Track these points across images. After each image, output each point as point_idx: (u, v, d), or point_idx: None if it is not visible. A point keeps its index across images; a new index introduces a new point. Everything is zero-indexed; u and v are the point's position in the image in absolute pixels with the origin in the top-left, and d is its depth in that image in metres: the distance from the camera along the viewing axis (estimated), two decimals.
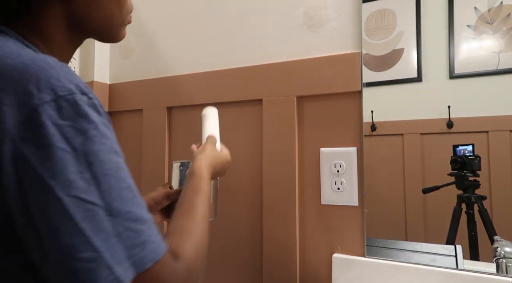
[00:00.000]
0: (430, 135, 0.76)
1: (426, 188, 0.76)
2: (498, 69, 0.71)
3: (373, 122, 0.80)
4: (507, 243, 0.68)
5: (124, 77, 1.15)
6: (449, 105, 0.74)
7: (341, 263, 0.78)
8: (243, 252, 0.92)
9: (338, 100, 0.83)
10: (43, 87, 0.36)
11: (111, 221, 0.36)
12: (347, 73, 0.80)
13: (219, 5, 1.00)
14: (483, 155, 0.71)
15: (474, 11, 0.73)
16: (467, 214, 0.72)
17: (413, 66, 0.78)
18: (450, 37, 0.75)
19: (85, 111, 0.38)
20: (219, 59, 0.98)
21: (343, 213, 0.81)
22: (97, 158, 0.37)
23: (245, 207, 0.92)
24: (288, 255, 0.84)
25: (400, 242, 0.77)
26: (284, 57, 0.89)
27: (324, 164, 0.83)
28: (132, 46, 1.14)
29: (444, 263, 0.72)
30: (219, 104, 0.97)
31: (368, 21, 0.82)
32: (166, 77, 1.05)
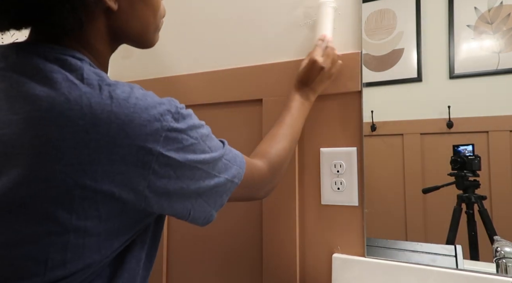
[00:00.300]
0: (430, 135, 0.76)
1: (426, 188, 0.76)
2: (498, 69, 0.71)
3: (373, 122, 0.80)
4: (507, 243, 0.68)
5: (124, 77, 1.15)
6: (449, 105, 0.74)
7: (341, 263, 0.78)
8: (243, 252, 0.92)
9: (338, 100, 0.83)
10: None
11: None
12: (347, 73, 0.80)
13: (219, 5, 1.00)
14: (483, 155, 0.71)
15: (474, 11, 0.73)
16: (467, 214, 0.72)
17: (413, 66, 0.78)
18: (450, 37, 0.75)
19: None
20: (219, 59, 0.98)
21: (343, 213, 0.81)
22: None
23: (245, 206, 0.92)
24: (288, 255, 0.84)
25: (400, 242, 0.77)
26: (284, 57, 0.89)
27: (324, 164, 0.83)
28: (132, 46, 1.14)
29: (444, 263, 0.72)
30: (219, 104, 0.97)
31: (368, 21, 0.82)
32: (166, 77, 1.05)
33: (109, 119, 0.42)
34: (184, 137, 0.47)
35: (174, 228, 1.02)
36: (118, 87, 0.45)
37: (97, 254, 0.45)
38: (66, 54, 0.47)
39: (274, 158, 0.65)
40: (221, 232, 0.95)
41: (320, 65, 0.74)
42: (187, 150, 0.47)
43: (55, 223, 0.42)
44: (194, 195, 0.50)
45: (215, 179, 0.51)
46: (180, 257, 1.01)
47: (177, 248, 1.02)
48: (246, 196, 0.63)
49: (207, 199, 0.52)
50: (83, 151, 0.41)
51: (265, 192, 0.66)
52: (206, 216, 0.53)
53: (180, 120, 0.47)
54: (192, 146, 0.48)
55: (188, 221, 0.52)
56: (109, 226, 0.45)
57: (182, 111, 0.48)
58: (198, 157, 0.48)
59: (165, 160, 0.45)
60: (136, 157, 0.43)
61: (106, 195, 0.43)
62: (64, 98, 0.42)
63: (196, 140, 0.49)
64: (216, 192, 0.52)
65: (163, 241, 1.02)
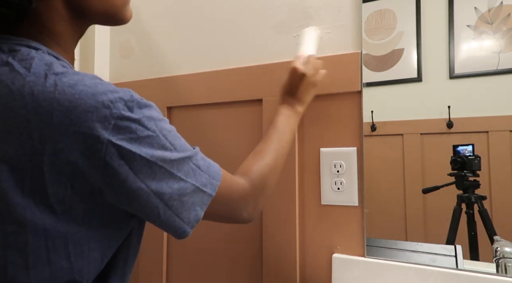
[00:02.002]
0: (430, 135, 0.76)
1: (426, 188, 0.76)
2: (498, 69, 0.71)
3: (373, 122, 0.80)
4: (507, 243, 0.68)
5: (124, 77, 1.15)
6: (449, 105, 0.74)
7: (341, 263, 0.78)
8: (243, 252, 0.92)
9: (338, 100, 0.83)
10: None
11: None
12: (347, 73, 0.80)
13: (219, 5, 1.00)
14: (483, 155, 0.71)
15: (474, 11, 0.73)
16: (467, 214, 0.72)
17: (413, 66, 0.78)
18: (450, 37, 0.75)
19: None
20: (219, 59, 0.98)
21: (343, 213, 0.81)
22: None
23: None
24: (288, 255, 0.84)
25: (400, 242, 0.77)
26: (284, 57, 0.89)
27: (324, 164, 0.83)
28: (132, 46, 1.14)
29: (444, 263, 0.72)
30: (219, 104, 0.97)
31: (368, 21, 0.82)
32: (166, 77, 1.05)
33: (51, 107, 0.40)
34: (139, 127, 0.42)
35: None
36: (66, 75, 0.42)
37: (65, 260, 0.42)
38: (22, 44, 0.46)
39: (257, 176, 0.59)
40: (221, 232, 0.95)
41: (301, 72, 0.70)
42: (143, 142, 0.43)
43: (9, 220, 0.40)
44: (159, 203, 0.44)
45: (180, 182, 0.45)
46: (180, 257, 1.01)
47: (177, 248, 1.01)
48: (226, 215, 0.56)
49: (177, 211, 0.46)
50: (27, 142, 0.40)
51: (248, 213, 0.58)
52: (178, 231, 0.48)
53: (134, 109, 0.43)
54: (149, 138, 0.43)
55: (158, 227, 0.48)
56: (72, 226, 0.42)
57: (139, 100, 0.44)
58: (156, 151, 0.43)
59: (117, 150, 0.41)
60: (84, 146, 0.40)
61: (57, 187, 0.41)
62: (7, 90, 0.41)
63: (153, 133, 0.44)
64: (186, 201, 0.46)
65: (163, 241, 1.02)
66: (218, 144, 0.96)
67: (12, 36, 0.47)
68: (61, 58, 0.49)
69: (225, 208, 0.54)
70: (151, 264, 1.03)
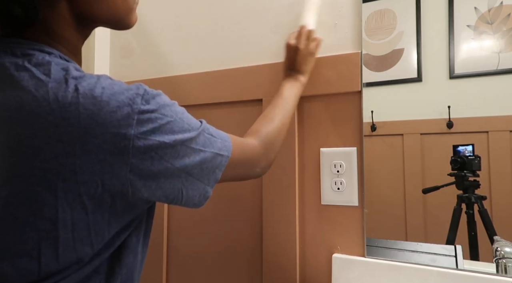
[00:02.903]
0: (430, 135, 0.76)
1: (426, 188, 0.76)
2: (498, 69, 0.71)
3: (373, 122, 0.80)
4: (507, 243, 0.68)
5: (124, 77, 1.15)
6: (449, 105, 0.74)
7: (341, 263, 0.78)
8: (243, 252, 0.92)
9: (338, 100, 0.83)
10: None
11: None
12: (347, 73, 0.80)
13: (219, 5, 1.00)
14: (483, 155, 0.71)
15: (474, 11, 0.73)
16: (467, 214, 0.72)
17: (413, 66, 0.78)
18: (450, 37, 0.75)
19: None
20: (219, 59, 0.98)
21: (343, 213, 0.81)
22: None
23: (245, 207, 0.92)
24: (288, 255, 0.84)
25: (400, 242, 0.77)
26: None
27: (324, 164, 0.83)
28: (132, 46, 1.14)
29: (444, 263, 0.72)
30: (219, 104, 0.97)
31: (368, 21, 0.82)
32: (166, 77, 1.05)
33: (77, 111, 0.42)
34: (158, 116, 0.46)
35: (174, 228, 1.02)
36: (84, 79, 0.44)
37: (88, 247, 0.46)
38: (34, 48, 0.47)
39: (265, 134, 0.66)
40: (221, 232, 0.95)
41: (294, 46, 0.76)
42: (164, 129, 0.46)
43: (42, 219, 0.42)
44: (182, 174, 0.49)
45: (200, 153, 0.50)
46: (180, 257, 1.01)
47: (177, 248, 1.02)
48: (243, 173, 0.62)
49: (198, 176, 0.51)
50: (57, 145, 0.42)
51: (261, 168, 0.65)
52: (201, 193, 0.52)
53: (150, 101, 0.46)
54: (169, 124, 0.47)
55: (183, 203, 0.51)
56: (98, 217, 0.45)
57: (151, 91, 0.48)
58: (178, 135, 0.48)
59: (142, 142, 0.44)
60: (112, 144, 0.43)
61: (89, 185, 0.43)
62: (31, 96, 0.43)
63: (171, 118, 0.48)
64: (206, 167, 0.51)
65: (163, 240, 1.02)
66: None
67: (22, 40, 0.48)
68: (71, 61, 0.50)
69: (240, 166, 0.59)
70: (151, 264, 1.03)
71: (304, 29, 0.77)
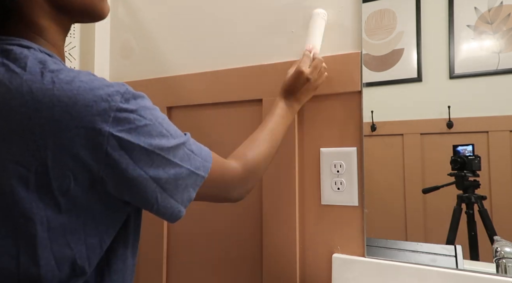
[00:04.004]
0: (430, 135, 0.76)
1: (426, 188, 0.76)
2: (498, 69, 0.71)
3: (373, 122, 0.80)
4: (507, 243, 0.68)
5: (124, 77, 1.15)
6: (449, 105, 0.74)
7: (341, 263, 0.78)
8: (243, 252, 0.92)
9: (338, 100, 0.83)
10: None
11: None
12: (347, 73, 0.80)
13: (219, 5, 1.00)
14: (483, 155, 0.71)
15: (474, 11, 0.73)
16: (467, 214, 0.72)
17: (413, 66, 0.78)
18: (450, 37, 0.75)
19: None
20: (219, 59, 0.98)
21: (343, 213, 0.81)
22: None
23: (245, 207, 0.92)
24: (288, 255, 0.84)
25: (400, 242, 0.77)
26: (284, 57, 0.89)
27: (324, 164, 0.83)
28: (132, 46, 1.14)
29: (444, 263, 0.72)
30: (219, 104, 0.97)
31: (368, 21, 0.82)
32: (166, 77, 1.05)
33: (51, 103, 0.41)
34: (137, 117, 0.45)
35: (174, 228, 1.02)
36: (62, 72, 0.43)
37: (67, 249, 0.44)
38: (13, 43, 0.47)
39: (250, 160, 0.63)
40: (221, 232, 0.95)
41: (306, 76, 0.73)
42: (142, 132, 0.45)
43: (18, 214, 0.42)
44: (157, 188, 0.47)
45: (176, 168, 0.48)
46: (180, 257, 1.01)
47: (177, 248, 1.02)
48: (217, 195, 0.59)
49: (172, 193, 0.49)
50: (30, 138, 0.41)
51: (238, 193, 0.62)
52: (174, 211, 0.50)
53: (130, 100, 0.45)
54: (147, 127, 0.45)
55: (154, 213, 0.50)
56: (72, 217, 0.44)
57: (133, 92, 0.46)
58: (154, 140, 0.46)
59: (118, 142, 0.43)
60: (86, 139, 0.42)
61: (61, 180, 0.42)
62: (5, 88, 0.42)
63: (150, 122, 0.46)
64: (180, 184, 0.49)
65: (163, 240, 1.02)
66: (218, 144, 0.96)
67: (1, 36, 0.48)
68: (53, 55, 0.50)
69: (217, 188, 0.57)
70: (151, 264, 1.03)
71: (318, 61, 0.76)
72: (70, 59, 1.04)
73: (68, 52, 1.04)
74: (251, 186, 0.65)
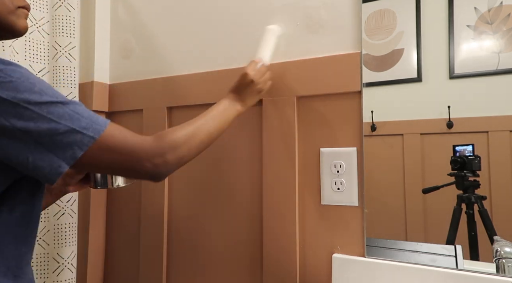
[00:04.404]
0: (430, 135, 0.76)
1: (426, 188, 0.76)
2: (498, 69, 0.71)
3: (373, 122, 0.80)
4: (507, 243, 0.67)
5: (124, 77, 1.15)
6: (449, 105, 0.74)
7: (341, 263, 0.78)
8: (243, 252, 0.92)
9: (338, 100, 0.83)
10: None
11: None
12: (347, 73, 0.80)
13: (219, 5, 1.00)
14: (483, 155, 0.71)
15: (474, 11, 0.73)
16: (467, 214, 0.72)
17: (413, 66, 0.78)
18: (450, 37, 0.75)
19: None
20: (219, 59, 0.98)
21: (343, 213, 0.81)
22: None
23: (245, 207, 0.92)
24: (288, 255, 0.84)
25: (400, 242, 0.77)
26: (284, 57, 0.89)
27: (324, 164, 0.83)
28: (132, 46, 1.14)
29: (444, 263, 0.72)
30: None
31: (368, 21, 0.82)
32: (166, 77, 1.05)
33: None
34: (1, 75, 0.48)
35: (174, 228, 1.02)
36: None
37: None
38: None
39: (168, 135, 0.62)
40: (221, 232, 0.95)
41: (250, 78, 0.77)
42: (5, 86, 0.48)
43: None
44: (29, 139, 0.49)
45: (51, 123, 0.50)
46: (180, 257, 1.01)
47: (177, 248, 1.01)
48: (123, 162, 0.58)
49: (50, 148, 0.50)
50: None
51: (153, 164, 0.59)
52: (52, 166, 0.51)
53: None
54: (12, 83, 0.48)
55: (31, 172, 0.51)
56: None
57: (4, 60, 0.50)
58: (21, 94, 0.48)
59: None
60: None
61: None
62: None
63: (18, 80, 0.49)
64: (60, 140, 0.51)
65: (163, 240, 1.02)
66: (218, 144, 0.96)
67: None
68: None
69: (116, 154, 0.56)
70: (151, 264, 1.03)
71: (264, 68, 0.81)
72: (70, 59, 1.04)
73: (68, 52, 1.04)
74: (169, 160, 0.62)
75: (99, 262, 1.13)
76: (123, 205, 1.13)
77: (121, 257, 1.12)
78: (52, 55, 1.04)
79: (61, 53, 1.04)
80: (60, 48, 1.04)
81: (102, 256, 1.14)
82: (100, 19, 1.16)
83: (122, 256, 1.12)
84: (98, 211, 1.13)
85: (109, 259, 1.14)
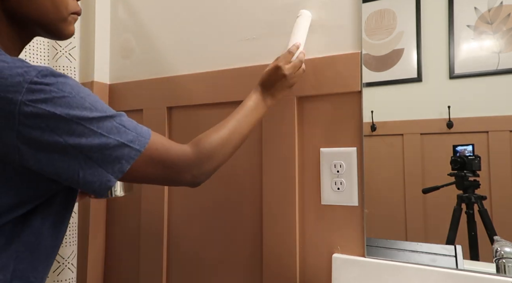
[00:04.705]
0: (430, 135, 0.76)
1: (426, 188, 0.76)
2: (498, 69, 0.71)
3: (373, 122, 0.80)
4: (507, 243, 0.68)
5: (124, 77, 1.15)
6: (449, 105, 0.74)
7: (341, 263, 0.78)
8: (243, 252, 0.92)
9: (338, 100, 0.83)
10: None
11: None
12: (347, 73, 0.80)
13: (219, 5, 1.00)
14: (483, 155, 0.71)
15: (474, 11, 0.73)
16: (467, 214, 0.72)
17: (413, 66, 0.78)
18: (450, 37, 0.75)
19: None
20: (219, 59, 0.98)
21: (343, 213, 0.81)
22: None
23: (245, 207, 0.92)
24: (288, 255, 0.84)
25: (400, 242, 0.77)
26: None
27: (324, 164, 0.83)
28: (132, 46, 1.14)
29: (444, 263, 0.72)
30: (219, 104, 0.97)
31: (368, 21, 0.82)
32: (166, 77, 1.05)
33: None
34: (53, 90, 0.47)
35: (174, 228, 1.02)
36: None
37: None
38: None
39: (205, 145, 0.62)
40: (221, 232, 0.95)
41: (282, 72, 0.74)
42: (59, 102, 0.47)
43: None
44: (79, 155, 0.49)
45: (101, 138, 0.50)
46: (180, 256, 1.01)
47: (177, 248, 1.02)
48: (166, 176, 0.58)
49: (99, 162, 0.50)
50: None
51: (192, 176, 0.60)
52: (102, 180, 0.51)
53: (48, 77, 0.47)
54: (65, 98, 0.48)
55: (80, 186, 0.51)
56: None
57: (53, 71, 0.49)
58: (73, 111, 0.48)
59: (30, 110, 0.45)
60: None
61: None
62: None
63: (69, 94, 0.48)
64: (109, 155, 0.50)
65: (163, 240, 1.02)
66: None
67: None
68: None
69: (162, 167, 0.57)
70: (151, 264, 1.03)
71: (299, 62, 0.76)
72: (70, 59, 1.04)
73: (68, 52, 1.04)
74: (209, 168, 0.63)
75: (99, 262, 1.13)
76: (123, 205, 1.13)
77: (121, 257, 1.12)
78: (52, 55, 1.04)
79: (61, 53, 1.04)
80: (60, 48, 1.04)
81: (102, 256, 1.14)
82: (100, 19, 1.16)
83: (122, 256, 1.12)
84: (98, 211, 1.13)
85: (109, 259, 1.14)
